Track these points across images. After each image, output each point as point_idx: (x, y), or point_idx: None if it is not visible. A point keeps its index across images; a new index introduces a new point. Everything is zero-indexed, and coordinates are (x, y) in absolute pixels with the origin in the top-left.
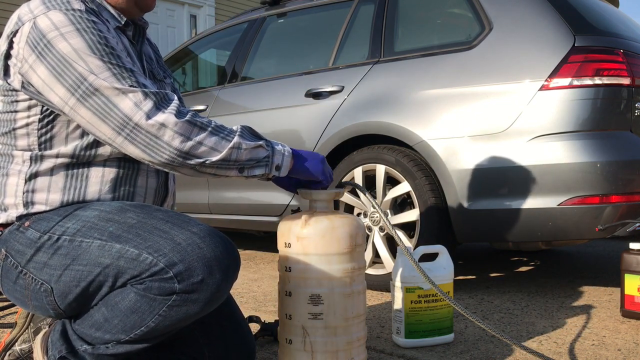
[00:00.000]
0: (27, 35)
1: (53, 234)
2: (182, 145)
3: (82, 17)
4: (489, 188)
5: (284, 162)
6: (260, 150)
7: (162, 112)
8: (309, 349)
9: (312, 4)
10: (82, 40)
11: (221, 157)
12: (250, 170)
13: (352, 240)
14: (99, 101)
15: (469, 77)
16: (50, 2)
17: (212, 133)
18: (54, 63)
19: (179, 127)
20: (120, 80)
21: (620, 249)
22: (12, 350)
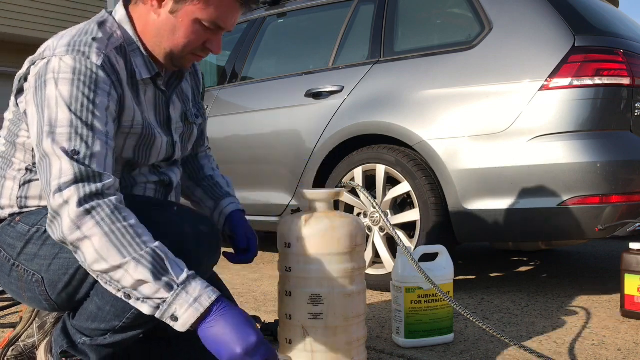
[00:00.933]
0: (38, 70)
1: (41, 226)
2: (70, 233)
3: (88, 71)
4: (489, 188)
5: (182, 317)
6: (154, 292)
7: (75, 187)
8: (309, 349)
9: (312, 4)
10: (69, 90)
11: (102, 269)
12: (137, 303)
13: (352, 240)
14: (44, 153)
15: (469, 77)
16: (74, 47)
17: (106, 235)
18: (39, 102)
19: (75, 213)
20: (71, 141)
21: (620, 249)
22: (16, 346)
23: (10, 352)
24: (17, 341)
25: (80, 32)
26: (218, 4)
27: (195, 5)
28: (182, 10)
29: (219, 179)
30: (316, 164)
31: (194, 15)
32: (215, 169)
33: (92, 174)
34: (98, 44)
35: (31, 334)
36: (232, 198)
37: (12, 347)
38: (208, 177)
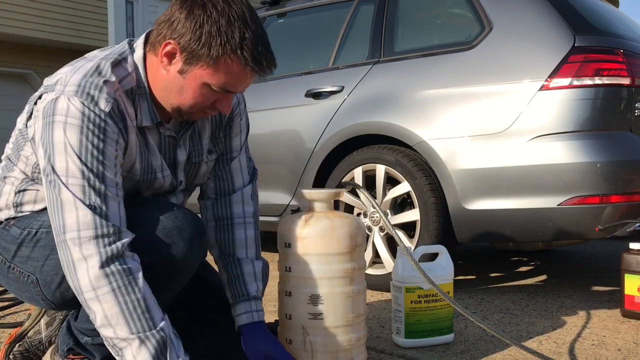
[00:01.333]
0: (46, 104)
1: (32, 229)
2: (86, 290)
3: (97, 119)
4: (489, 188)
5: None
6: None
7: (95, 243)
8: (309, 349)
9: (312, 4)
10: (77, 139)
11: (107, 335)
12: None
13: (352, 240)
14: (56, 197)
15: (469, 77)
16: (83, 88)
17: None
18: (46, 141)
19: (94, 274)
20: (85, 194)
21: (620, 249)
22: (23, 342)
23: (17, 347)
24: (24, 337)
25: (94, 70)
26: (227, 71)
27: (205, 69)
28: (190, 73)
29: (247, 267)
30: (316, 164)
31: (202, 80)
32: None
33: (112, 230)
34: (108, 89)
35: (38, 330)
36: (248, 303)
37: (19, 343)
38: (236, 262)
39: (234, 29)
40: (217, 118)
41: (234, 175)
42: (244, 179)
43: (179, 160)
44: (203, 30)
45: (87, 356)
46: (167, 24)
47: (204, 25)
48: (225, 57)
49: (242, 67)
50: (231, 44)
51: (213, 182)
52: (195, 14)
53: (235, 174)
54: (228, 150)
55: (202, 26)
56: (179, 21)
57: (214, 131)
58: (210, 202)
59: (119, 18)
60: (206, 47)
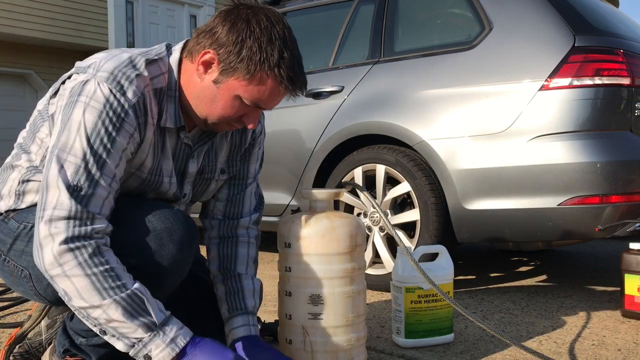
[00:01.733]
0: (75, 84)
1: (28, 223)
2: (51, 268)
3: (118, 108)
4: (489, 188)
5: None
6: (131, 331)
7: (65, 223)
8: (309, 349)
9: (312, 4)
10: (92, 121)
11: (81, 305)
12: (112, 339)
13: (352, 240)
14: (47, 174)
15: (469, 77)
16: (116, 76)
17: (87, 277)
18: (65, 119)
19: (58, 250)
20: (77, 173)
21: (620, 249)
22: (23, 343)
23: (17, 349)
24: (24, 338)
25: (128, 62)
26: (261, 86)
27: (240, 81)
28: (225, 83)
29: (247, 282)
30: (316, 164)
31: (235, 91)
32: (249, 264)
33: (87, 215)
34: (138, 82)
35: (39, 332)
36: (246, 317)
37: (19, 344)
38: (236, 277)
39: (274, 48)
40: (237, 141)
41: (245, 202)
42: (252, 206)
43: (189, 171)
44: (244, 45)
45: (83, 357)
46: (208, 34)
47: (246, 40)
48: (262, 72)
49: (277, 84)
50: (270, 61)
51: (223, 205)
52: (239, 28)
53: (246, 200)
54: (244, 176)
55: (244, 40)
56: (221, 32)
57: (232, 152)
58: (217, 222)
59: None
60: (245, 61)
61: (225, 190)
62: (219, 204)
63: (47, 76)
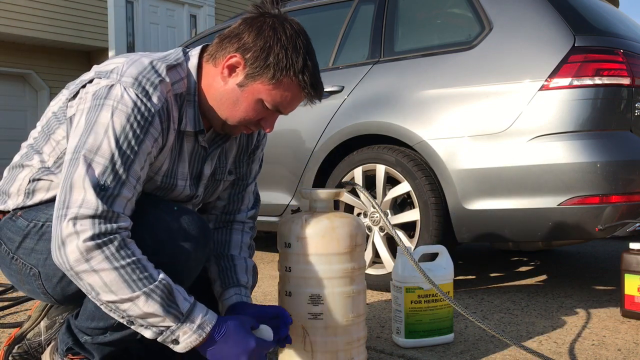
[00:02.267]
0: (99, 88)
1: (38, 221)
2: (77, 264)
3: (146, 112)
4: (489, 188)
5: (183, 341)
6: (161, 321)
7: (89, 224)
8: (309, 349)
9: (312, 4)
10: (121, 124)
11: (109, 299)
12: (140, 329)
13: (352, 240)
14: (70, 175)
15: (469, 77)
16: (140, 82)
17: (116, 270)
18: (90, 122)
19: (84, 246)
20: (104, 174)
21: (620, 249)
22: (22, 344)
23: (15, 349)
24: (24, 339)
25: (151, 68)
26: (285, 91)
27: (264, 85)
28: (249, 87)
29: (239, 261)
30: (316, 164)
31: (259, 95)
32: (242, 247)
33: (112, 214)
34: (162, 88)
35: (38, 332)
36: (238, 288)
37: (18, 344)
38: (228, 257)
39: (298, 56)
40: (244, 143)
41: (244, 199)
42: (249, 203)
43: (204, 174)
44: (272, 51)
45: (86, 356)
46: (234, 39)
47: (273, 46)
48: (287, 78)
49: (300, 90)
50: (295, 67)
51: (225, 202)
52: (266, 35)
53: (245, 198)
54: (246, 176)
55: (271, 47)
56: (247, 38)
57: (239, 154)
58: (214, 217)
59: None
60: (271, 67)
61: (228, 190)
62: (220, 202)
63: (47, 76)
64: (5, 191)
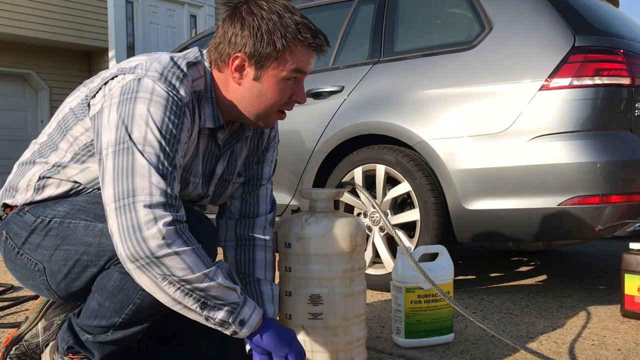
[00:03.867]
0: (127, 82)
1: (45, 217)
2: (159, 249)
3: (179, 105)
4: (489, 188)
5: (250, 318)
6: (233, 294)
7: (165, 210)
8: (309, 348)
9: (312, 4)
10: (161, 114)
11: (190, 278)
12: (213, 310)
13: (352, 240)
14: (126, 164)
15: (469, 77)
16: (166, 76)
17: (194, 251)
18: (125, 114)
19: (167, 231)
20: (159, 163)
21: (620, 249)
22: (20, 345)
23: (13, 350)
24: (21, 340)
25: (173, 63)
26: (295, 57)
27: (276, 65)
28: (264, 75)
29: (266, 288)
30: (316, 164)
31: (277, 77)
32: (267, 267)
33: (177, 202)
34: (187, 82)
35: (35, 334)
36: None
37: (16, 346)
38: (255, 282)
39: (286, 19)
40: (255, 144)
41: (260, 201)
42: (267, 207)
43: (216, 173)
44: (262, 31)
45: (87, 355)
46: (226, 43)
47: (260, 26)
48: (289, 45)
49: (306, 48)
50: (290, 32)
51: (239, 203)
52: (248, 21)
53: (261, 200)
54: (258, 177)
55: (259, 28)
56: (236, 34)
57: (249, 156)
58: (234, 222)
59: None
60: (271, 44)
61: (240, 189)
62: (235, 201)
63: (47, 76)
64: (13, 186)
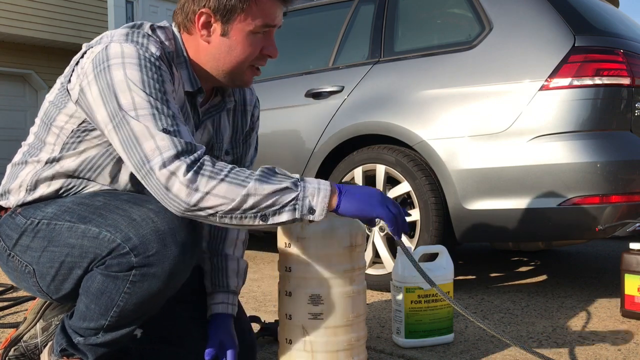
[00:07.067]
0: (96, 55)
1: (34, 219)
2: (190, 197)
3: (151, 58)
4: (489, 188)
5: (318, 204)
6: (285, 193)
7: (179, 160)
8: (309, 349)
9: (312, 4)
10: (138, 75)
11: (233, 206)
12: (275, 217)
13: (351, 241)
14: (128, 134)
15: (469, 77)
16: (132, 37)
17: (222, 181)
18: (105, 86)
19: (187, 179)
20: (156, 120)
21: (620, 249)
22: (18, 346)
23: (12, 351)
24: (20, 341)
25: (137, 27)
26: (261, 9)
27: (243, 18)
28: (232, 29)
29: (232, 262)
30: (316, 164)
31: (244, 30)
32: (237, 244)
33: (190, 146)
34: (154, 40)
35: (34, 334)
36: (227, 295)
37: (15, 347)
38: (222, 255)
39: None
40: (239, 123)
41: None
42: None
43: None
44: None
45: (80, 356)
46: (189, 1)
47: None
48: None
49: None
50: None
51: None
52: None
53: None
54: (242, 159)
55: None
56: None
57: (235, 134)
58: None
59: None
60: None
61: None
62: None
63: (47, 76)
64: (7, 189)
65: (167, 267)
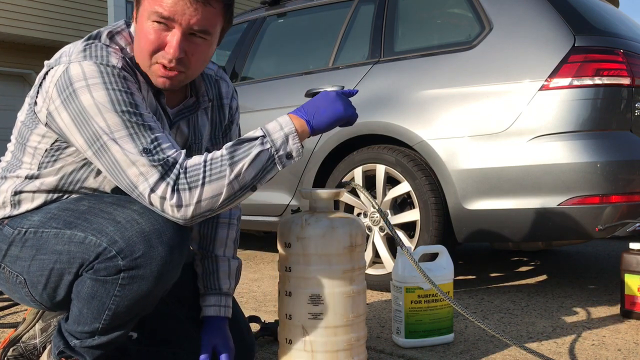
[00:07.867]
0: (58, 78)
1: (22, 228)
2: (185, 213)
3: (114, 72)
4: (489, 188)
5: (293, 148)
6: (259, 158)
7: (163, 181)
8: (309, 348)
9: (312, 4)
10: (106, 95)
11: (225, 197)
12: (263, 180)
13: (352, 240)
14: (110, 161)
15: (469, 77)
16: (89, 52)
17: (204, 185)
18: (76, 113)
19: (175, 200)
20: (134, 141)
21: (620, 249)
22: (17, 346)
23: (10, 352)
24: (18, 342)
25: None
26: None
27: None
28: (140, 14)
29: (222, 264)
30: (316, 164)
31: (144, 16)
32: (227, 244)
33: (169, 162)
34: (112, 51)
35: (33, 335)
36: (219, 298)
37: (13, 347)
38: (213, 258)
39: None
40: (217, 118)
41: None
42: None
43: None
44: None
45: (78, 358)
46: None
47: None
48: None
49: None
50: None
51: None
52: None
53: None
54: None
55: None
56: None
57: (214, 130)
58: None
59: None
60: None
61: None
62: None
63: None
64: None
65: (155, 268)
